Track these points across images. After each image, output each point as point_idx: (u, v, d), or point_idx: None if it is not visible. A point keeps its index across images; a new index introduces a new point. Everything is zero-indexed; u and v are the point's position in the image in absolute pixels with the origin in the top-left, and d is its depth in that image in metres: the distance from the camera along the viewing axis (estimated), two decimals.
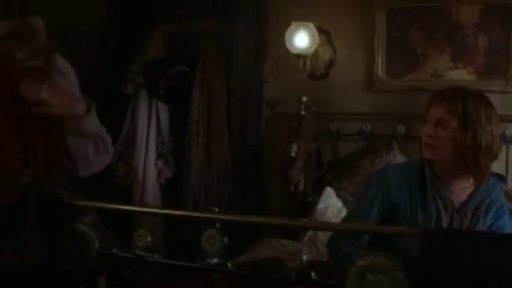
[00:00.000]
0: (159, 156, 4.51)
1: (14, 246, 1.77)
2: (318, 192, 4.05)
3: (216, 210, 1.78)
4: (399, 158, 3.93)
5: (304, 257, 1.66)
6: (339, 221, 3.83)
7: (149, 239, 1.84)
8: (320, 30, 4.16)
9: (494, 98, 3.76)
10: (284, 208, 4.22)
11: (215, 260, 1.74)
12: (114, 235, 1.94)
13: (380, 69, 4.11)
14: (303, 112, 4.12)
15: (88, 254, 1.90)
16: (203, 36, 4.46)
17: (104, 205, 1.98)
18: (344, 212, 3.89)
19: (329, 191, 3.95)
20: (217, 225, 1.75)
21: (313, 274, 1.65)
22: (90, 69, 4.30)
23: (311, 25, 4.03)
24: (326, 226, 1.97)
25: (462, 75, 3.95)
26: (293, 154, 4.04)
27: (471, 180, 2.35)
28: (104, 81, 4.48)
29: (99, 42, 4.59)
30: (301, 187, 4.13)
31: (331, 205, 3.90)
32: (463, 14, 3.91)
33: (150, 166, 4.49)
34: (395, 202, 2.39)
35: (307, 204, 4.08)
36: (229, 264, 1.74)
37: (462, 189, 2.36)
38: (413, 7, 4.02)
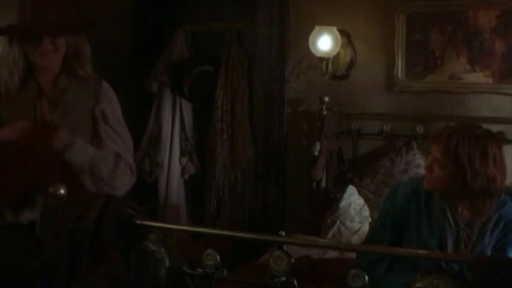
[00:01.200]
0: (183, 153, 4.66)
1: (99, 273, 1.91)
2: (340, 189, 4.21)
3: (283, 233, 1.93)
4: (418, 158, 4.09)
5: (366, 278, 1.81)
6: (360, 217, 4.03)
7: (218, 258, 2.00)
8: (341, 31, 4.28)
9: (509, 101, 3.97)
10: (306, 204, 4.38)
11: (283, 279, 1.90)
12: None
13: (400, 70, 4.24)
14: (325, 112, 4.25)
15: (159, 271, 2.06)
16: (226, 37, 4.59)
17: (174, 226, 2.14)
18: (366, 210, 4.07)
19: (351, 189, 4.11)
20: (284, 247, 1.91)
21: None
22: (114, 69, 4.44)
23: (334, 29, 4.16)
24: (390, 250, 2.12)
25: (479, 78, 4.09)
26: (316, 153, 4.19)
27: None
28: (128, 80, 4.63)
29: (124, 41, 4.70)
30: (323, 184, 4.29)
31: (354, 202, 4.06)
32: (480, 19, 4.05)
33: (174, 162, 4.65)
34: (404, 217, 2.60)
35: (328, 201, 4.25)
36: (295, 282, 1.91)
37: (467, 209, 2.52)
38: (433, 11, 4.15)
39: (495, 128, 3.95)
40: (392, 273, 2.52)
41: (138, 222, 2.07)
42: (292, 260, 1.90)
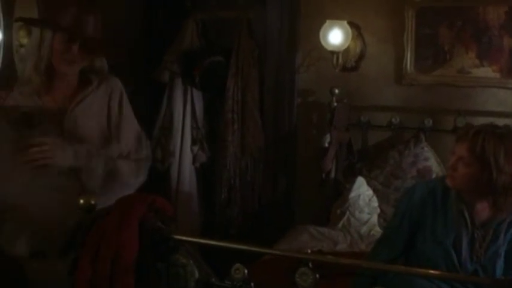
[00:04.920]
0: (194, 142, 4.73)
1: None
2: (349, 179, 4.31)
3: (309, 251, 2.04)
4: (427, 150, 4.18)
5: None
6: (369, 208, 4.13)
7: (245, 271, 2.11)
8: (351, 23, 4.33)
9: None
10: (315, 194, 4.48)
11: None
12: None
13: (409, 64, 4.31)
14: (335, 104, 4.32)
15: (189, 283, 2.16)
16: (237, 26, 4.61)
17: (205, 241, 2.25)
18: (374, 201, 4.17)
19: (361, 181, 4.20)
20: (310, 264, 2.01)
21: None
22: (125, 58, 4.49)
23: (345, 23, 4.21)
24: (408, 271, 2.22)
25: (487, 73, 4.17)
26: (326, 145, 4.28)
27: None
28: (139, 70, 4.68)
29: (134, 30, 4.74)
30: (332, 175, 4.38)
31: (363, 193, 4.16)
32: (489, 15, 4.11)
33: (186, 151, 4.72)
34: (420, 217, 2.70)
35: (338, 191, 4.35)
36: None
37: (485, 208, 2.63)
38: (443, 6, 4.21)
39: (501, 121, 4.05)
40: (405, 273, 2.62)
41: (172, 236, 2.16)
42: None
